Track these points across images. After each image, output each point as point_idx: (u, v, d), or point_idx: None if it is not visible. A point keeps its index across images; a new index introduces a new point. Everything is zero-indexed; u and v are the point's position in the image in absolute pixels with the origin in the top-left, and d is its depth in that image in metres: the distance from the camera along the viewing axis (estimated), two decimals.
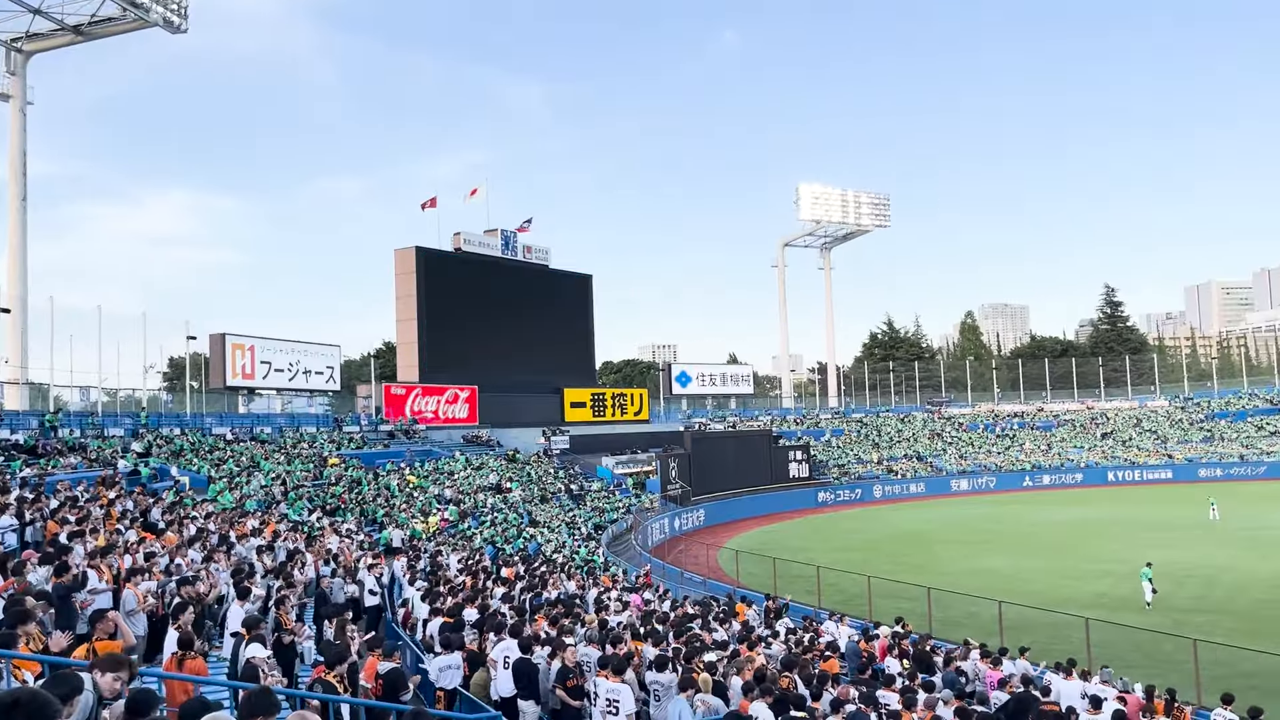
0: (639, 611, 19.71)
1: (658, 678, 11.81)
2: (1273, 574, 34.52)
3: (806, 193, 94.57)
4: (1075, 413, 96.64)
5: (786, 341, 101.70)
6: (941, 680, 15.20)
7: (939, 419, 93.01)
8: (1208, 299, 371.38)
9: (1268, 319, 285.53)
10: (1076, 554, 41.63)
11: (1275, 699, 17.32)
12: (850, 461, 79.34)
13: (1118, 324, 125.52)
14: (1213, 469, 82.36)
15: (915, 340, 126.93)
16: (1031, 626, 25.32)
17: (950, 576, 35.34)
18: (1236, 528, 48.19)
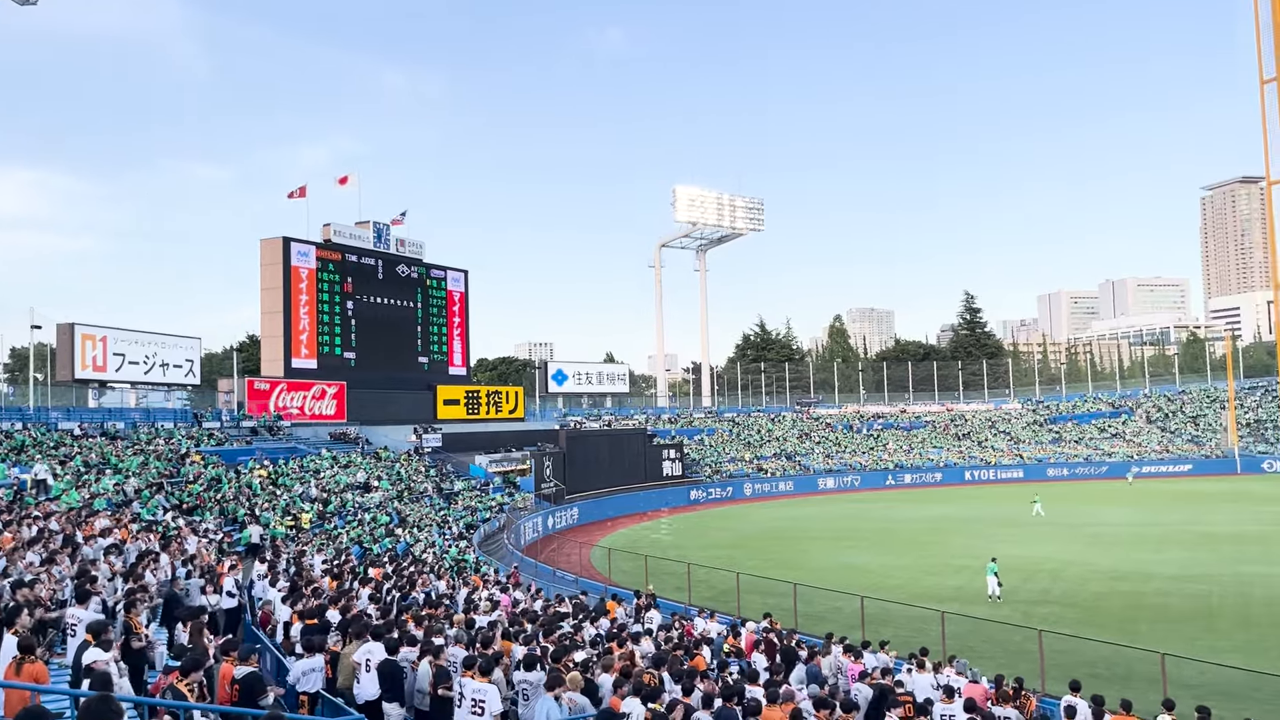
0: (509, 611, 19.53)
1: (526, 677, 11.71)
2: (1111, 568, 36.66)
3: (683, 195, 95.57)
4: (936, 414, 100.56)
5: (662, 341, 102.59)
6: (805, 674, 15.56)
7: (808, 419, 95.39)
8: (1058, 307, 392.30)
9: (1111, 327, 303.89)
10: (935, 550, 43.30)
11: (1112, 685, 18.38)
12: (722, 460, 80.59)
13: (976, 330, 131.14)
14: (1060, 468, 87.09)
15: (786, 342, 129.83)
16: (893, 620, 26.22)
17: (816, 572, 36.26)
18: (1079, 524, 50.99)
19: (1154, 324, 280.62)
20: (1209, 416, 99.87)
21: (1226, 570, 35.38)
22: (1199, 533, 46.08)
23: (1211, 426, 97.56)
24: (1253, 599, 30.10)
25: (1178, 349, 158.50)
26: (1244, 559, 37.77)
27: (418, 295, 62.35)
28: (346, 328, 56.83)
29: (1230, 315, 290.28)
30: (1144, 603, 30.27)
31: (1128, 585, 33.10)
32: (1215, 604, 29.72)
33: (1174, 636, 24.99)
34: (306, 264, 54.48)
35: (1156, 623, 27.23)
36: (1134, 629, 26.21)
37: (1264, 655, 22.81)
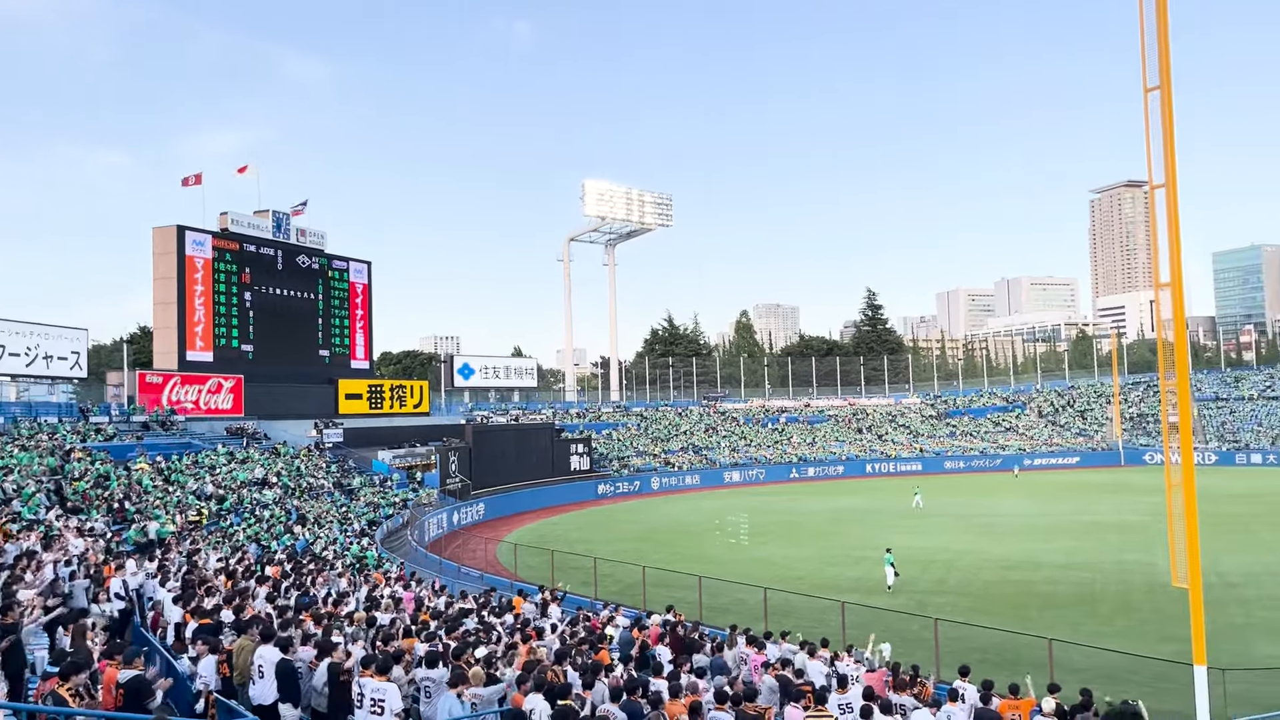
0: (411, 608, 19.25)
1: (428, 674, 11.56)
2: (1003, 557, 37.93)
3: (592, 189, 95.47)
4: (838, 408, 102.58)
5: (571, 336, 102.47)
6: (709, 666, 15.71)
7: (714, 413, 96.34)
8: (956, 305, 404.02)
9: (1006, 324, 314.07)
10: (837, 541, 44.18)
11: (1003, 670, 18.98)
12: (630, 454, 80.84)
13: (878, 326, 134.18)
14: (957, 461, 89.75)
15: (694, 337, 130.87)
16: (795, 611, 26.64)
17: (721, 565, 36.68)
18: (973, 515, 52.64)
19: (1046, 322, 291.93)
20: (1096, 411, 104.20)
21: (1110, 558, 36.93)
22: (1085, 522, 48.00)
23: (1098, 420, 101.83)
24: (1134, 586, 31.46)
25: (1068, 346, 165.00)
26: (1126, 548, 39.47)
27: (319, 287, 60.90)
28: (244, 319, 55.20)
29: (1116, 314, 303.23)
30: (1033, 590, 31.39)
31: (1018, 574, 34.28)
32: (1099, 591, 30.98)
33: (1061, 622, 26.01)
34: (202, 253, 52.71)
35: (1045, 609, 28.27)
36: (1024, 615, 27.15)
37: (1143, 639, 23.88)
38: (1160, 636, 24.01)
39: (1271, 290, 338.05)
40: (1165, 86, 16.20)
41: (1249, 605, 27.94)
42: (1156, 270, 17.43)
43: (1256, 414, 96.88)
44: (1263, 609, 27.42)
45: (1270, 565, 34.19)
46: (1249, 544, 39.10)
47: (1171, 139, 16.26)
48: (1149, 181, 16.63)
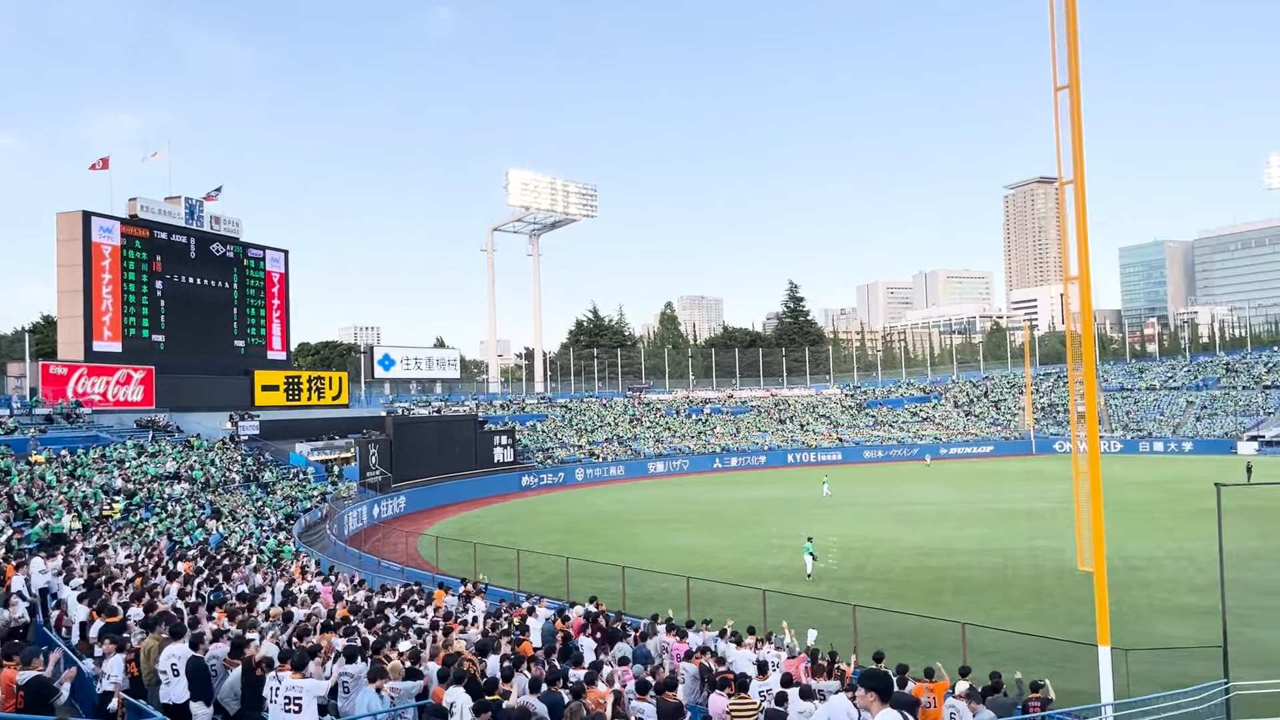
0: (329, 603, 18.93)
1: (347, 669, 11.36)
2: (920, 544, 38.81)
3: (516, 179, 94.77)
4: (761, 399, 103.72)
5: (494, 327, 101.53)
6: (632, 655, 15.76)
7: (639, 404, 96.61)
8: (875, 297, 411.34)
9: (924, 316, 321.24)
10: (759, 530, 44.70)
11: (918, 654, 19.44)
12: (554, 446, 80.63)
13: (800, 318, 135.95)
14: (876, 450, 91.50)
15: (619, 328, 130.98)
16: (718, 599, 26.88)
17: (645, 555, 36.82)
18: (891, 504, 53.75)
19: (962, 314, 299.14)
20: (1009, 401, 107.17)
21: (1021, 544, 38.04)
22: (998, 510, 49.38)
23: (1011, 410, 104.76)
24: (1043, 571, 32.46)
25: (982, 338, 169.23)
26: (1037, 534, 40.71)
27: (234, 275, 59.31)
28: (155, 309, 53.49)
29: (1029, 307, 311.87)
30: (948, 576, 32.19)
31: (934, 560, 35.12)
32: (1011, 576, 31.90)
33: (974, 607, 26.72)
34: (110, 240, 50.90)
35: (959, 594, 29.02)
36: (939, 601, 27.83)
37: (1052, 622, 24.66)
38: (1068, 619, 24.83)
39: (1174, 285, 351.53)
40: (1074, 86, 16.67)
41: (1150, 588, 29.04)
42: (1065, 264, 17.96)
43: (1159, 404, 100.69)
44: (1163, 592, 28.53)
45: (1171, 550, 35.58)
46: (1151, 529, 40.64)
47: (1080, 137, 16.74)
48: (1059, 178, 17.10)
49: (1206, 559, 29.85)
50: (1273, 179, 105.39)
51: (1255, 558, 32.68)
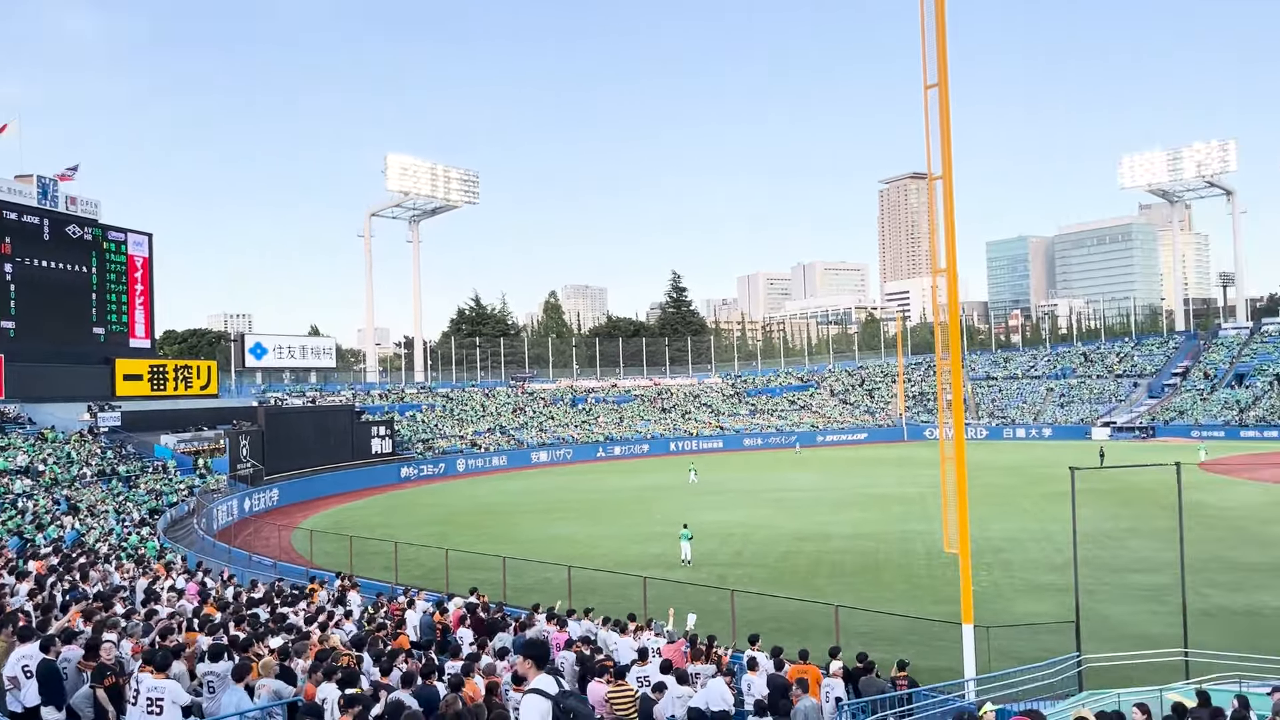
0: (195, 600, 18.21)
1: (212, 668, 10.95)
2: (796, 530, 39.71)
3: (395, 163, 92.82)
4: (644, 388, 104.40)
5: (372, 314, 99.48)
6: (512, 646, 15.65)
7: (522, 394, 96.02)
8: (756, 288, 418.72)
9: (802, 307, 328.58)
10: (641, 518, 45.00)
11: (794, 637, 19.90)
12: (435, 436, 79.46)
13: (682, 308, 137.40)
14: (755, 438, 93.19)
15: (502, 317, 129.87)
16: (599, 588, 26.95)
17: (527, 545, 36.68)
18: (769, 490, 54.86)
19: (838, 305, 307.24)
20: (882, 389, 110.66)
21: (893, 528, 39.33)
22: (872, 495, 50.94)
23: (884, 398, 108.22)
24: (914, 553, 33.64)
25: (858, 328, 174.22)
26: (908, 518, 42.15)
27: (92, 259, 56.33)
28: (4, 293, 50.37)
29: (902, 298, 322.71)
30: (824, 560, 33.04)
31: (810, 545, 35.98)
32: (883, 559, 32.94)
33: (848, 590, 27.51)
34: None
35: (833, 578, 29.82)
36: (814, 585, 28.54)
37: (920, 602, 25.59)
38: (935, 599, 25.79)
39: (1036, 278, 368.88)
40: (943, 84, 17.23)
41: (1012, 568, 30.42)
42: (934, 257, 18.58)
43: (1022, 392, 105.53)
44: (1024, 571, 29.92)
45: (1031, 531, 37.34)
46: (1013, 512, 42.56)
47: (948, 134, 17.33)
48: (928, 173, 17.67)
49: (1063, 539, 31.40)
50: (1125, 179, 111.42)
51: (1107, 537, 34.61)
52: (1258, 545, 32.79)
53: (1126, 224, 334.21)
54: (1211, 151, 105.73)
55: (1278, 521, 37.77)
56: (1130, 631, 22.04)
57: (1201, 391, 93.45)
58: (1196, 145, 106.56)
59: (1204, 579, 26.71)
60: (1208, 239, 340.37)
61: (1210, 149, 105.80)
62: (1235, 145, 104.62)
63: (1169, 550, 23.30)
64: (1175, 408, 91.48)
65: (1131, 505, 42.10)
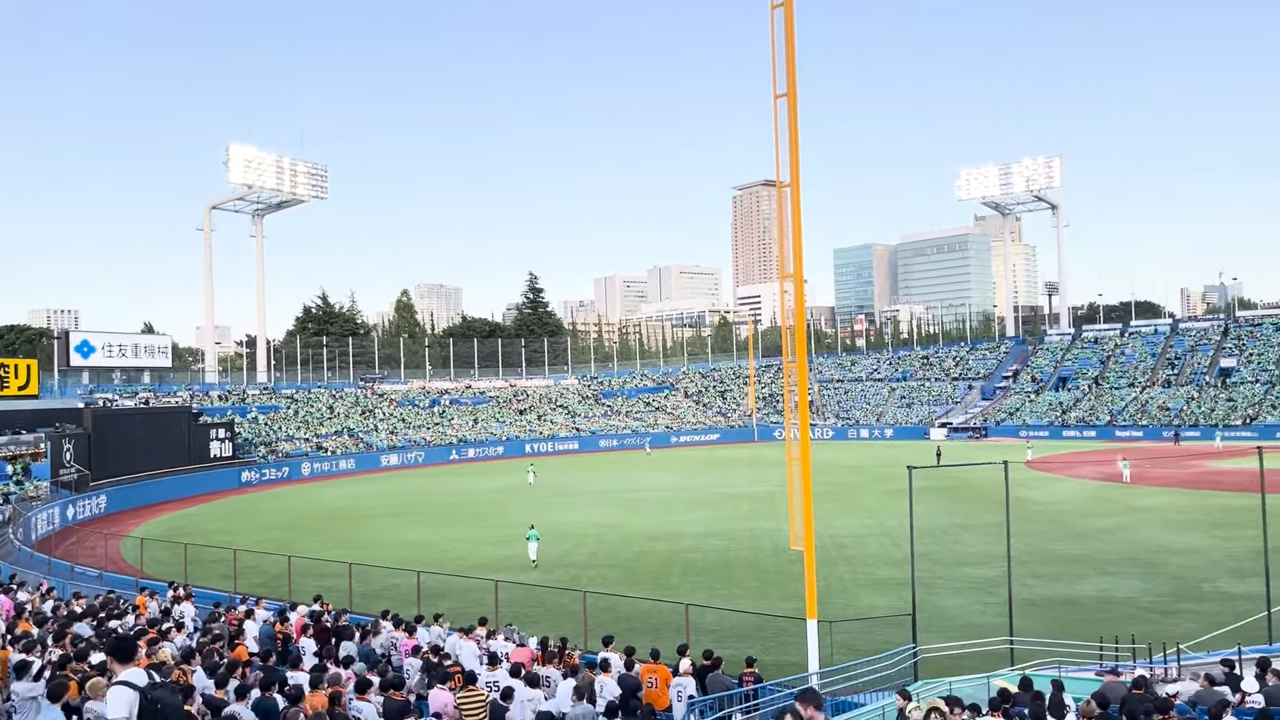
0: (9, 615, 16.96)
1: (17, 688, 10.18)
2: (649, 529, 40.08)
3: (238, 155, 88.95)
4: (500, 389, 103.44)
5: (212, 312, 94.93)
6: (357, 654, 15.20)
7: (372, 395, 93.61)
8: (613, 290, 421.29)
9: (658, 309, 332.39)
10: (494, 521, 44.50)
11: (646, 636, 20.05)
12: (279, 439, 76.57)
13: (539, 309, 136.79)
14: (611, 440, 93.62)
15: (351, 316, 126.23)
16: (451, 593, 26.50)
17: (376, 550, 35.78)
18: (624, 490, 55.23)
19: (693, 308, 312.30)
20: (734, 391, 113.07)
21: (743, 526, 40.19)
22: (723, 494, 51.93)
23: (736, 400, 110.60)
24: (762, 550, 34.44)
25: (711, 331, 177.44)
26: (757, 516, 43.15)
27: None
28: None
29: (754, 302, 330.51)
30: (676, 559, 33.44)
31: (663, 544, 36.37)
32: (733, 557, 33.59)
33: (699, 588, 27.95)
34: None
35: (685, 576, 30.22)
36: (667, 584, 28.85)
37: (768, 599, 26.24)
38: (783, 595, 26.47)
39: (880, 284, 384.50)
40: (791, 93, 17.69)
41: (855, 563, 31.53)
42: (782, 262, 19.06)
43: (866, 394, 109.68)
44: (866, 566, 31.05)
45: (873, 527, 38.81)
46: (856, 509, 44.13)
47: (796, 143, 17.80)
48: (777, 181, 18.09)
49: (902, 534, 32.71)
50: (961, 192, 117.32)
51: (943, 532, 36.31)
52: (1077, 538, 35.00)
53: (963, 234, 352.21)
54: (1039, 167, 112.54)
55: (1095, 515, 40.43)
56: (962, 622, 23.16)
57: (1029, 394, 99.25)
58: (1026, 161, 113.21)
59: (1029, 570, 28.36)
60: (1036, 250, 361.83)
61: (1038, 165, 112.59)
62: (1060, 162, 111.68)
63: (998, 544, 24.61)
64: (1006, 409, 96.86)
65: (965, 502, 44.29)
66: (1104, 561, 30.50)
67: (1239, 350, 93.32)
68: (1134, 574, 28.50)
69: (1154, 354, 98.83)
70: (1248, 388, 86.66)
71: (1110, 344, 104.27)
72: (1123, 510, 41.63)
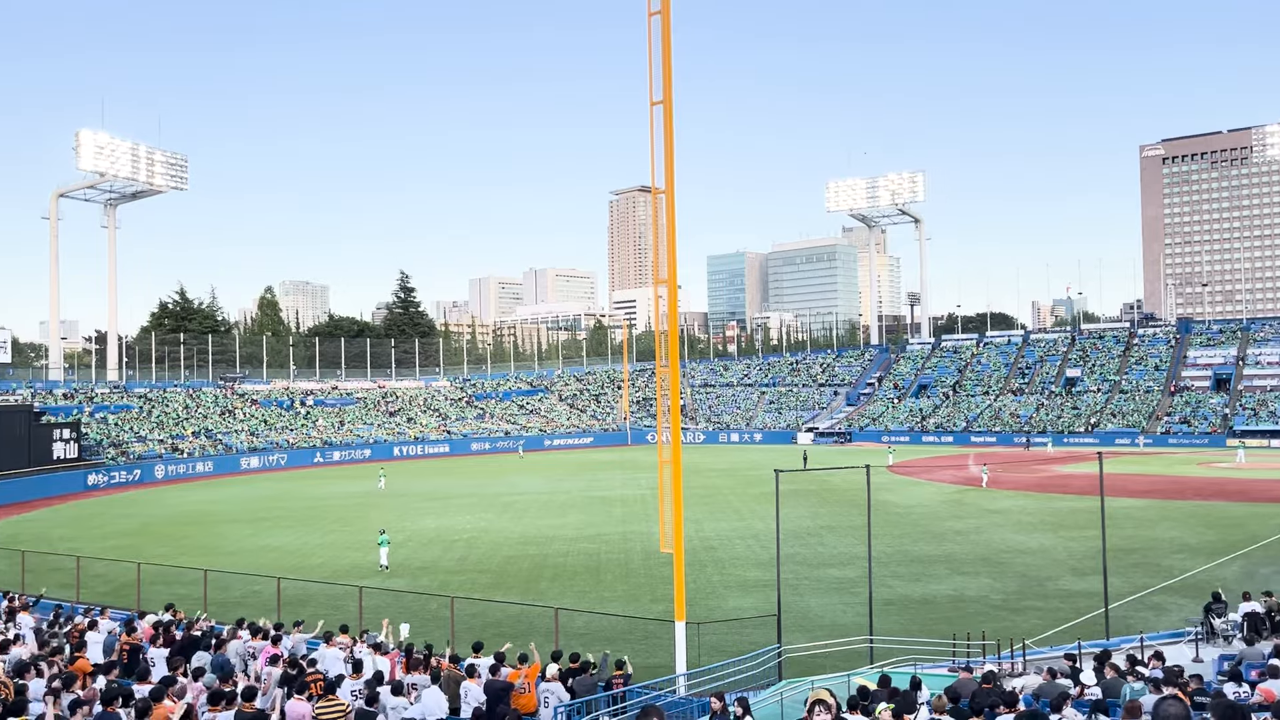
0: None
1: None
2: (521, 534, 39.79)
3: (89, 141, 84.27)
4: (368, 391, 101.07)
5: (57, 305, 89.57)
6: (210, 665, 14.58)
7: (232, 395, 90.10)
8: (487, 292, 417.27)
9: (533, 312, 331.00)
10: (360, 526, 43.36)
11: (515, 640, 19.84)
12: (130, 440, 72.88)
13: (410, 309, 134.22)
14: (484, 443, 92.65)
15: (210, 312, 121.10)
16: (313, 599, 25.74)
17: (234, 556, 34.49)
18: (496, 494, 54.68)
19: (569, 311, 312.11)
20: (608, 395, 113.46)
21: (615, 530, 40.30)
22: (595, 498, 51.98)
23: (610, 403, 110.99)
24: (633, 554, 34.60)
25: (587, 335, 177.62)
26: (629, 519, 43.36)
27: None
28: None
29: (629, 307, 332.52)
30: (547, 563, 33.27)
31: (534, 548, 36.15)
32: (604, 560, 33.64)
33: (570, 591, 27.89)
34: None
35: (556, 580, 30.10)
36: (537, 588, 28.68)
37: (639, 602, 26.38)
38: (653, 598, 26.65)
39: (751, 291, 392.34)
40: (667, 101, 17.85)
41: (724, 565, 32.00)
42: (656, 268, 19.23)
43: (737, 399, 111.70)
44: (735, 568, 31.55)
45: (741, 529, 39.48)
46: (725, 512, 44.83)
47: (671, 150, 17.97)
48: (652, 187, 18.24)
49: (769, 537, 33.41)
50: (830, 203, 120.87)
51: (809, 535, 37.22)
52: (933, 539, 36.41)
53: (831, 245, 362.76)
54: (904, 182, 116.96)
55: (951, 518, 42.15)
56: (825, 622, 23.78)
57: (891, 400, 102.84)
58: (891, 175, 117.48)
59: (889, 571, 29.34)
60: (900, 262, 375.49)
61: (903, 179, 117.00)
62: (924, 177, 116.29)
63: (860, 545, 25.37)
64: (869, 414, 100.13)
65: (829, 504, 45.54)
66: (958, 562, 31.82)
67: (1083, 361, 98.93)
68: (985, 573, 29.82)
69: (1007, 363, 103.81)
70: (1090, 396, 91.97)
71: (967, 353, 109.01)
72: (977, 513, 43.54)
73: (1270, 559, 30.48)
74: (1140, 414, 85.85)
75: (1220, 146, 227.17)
